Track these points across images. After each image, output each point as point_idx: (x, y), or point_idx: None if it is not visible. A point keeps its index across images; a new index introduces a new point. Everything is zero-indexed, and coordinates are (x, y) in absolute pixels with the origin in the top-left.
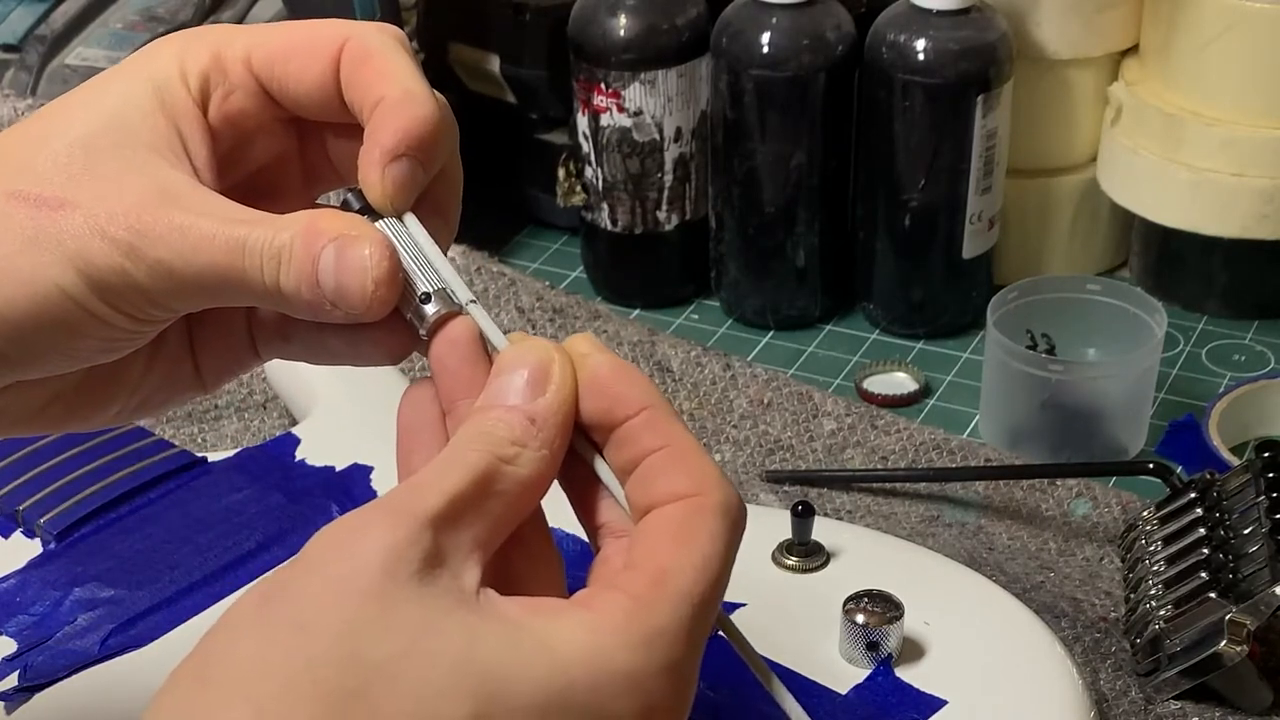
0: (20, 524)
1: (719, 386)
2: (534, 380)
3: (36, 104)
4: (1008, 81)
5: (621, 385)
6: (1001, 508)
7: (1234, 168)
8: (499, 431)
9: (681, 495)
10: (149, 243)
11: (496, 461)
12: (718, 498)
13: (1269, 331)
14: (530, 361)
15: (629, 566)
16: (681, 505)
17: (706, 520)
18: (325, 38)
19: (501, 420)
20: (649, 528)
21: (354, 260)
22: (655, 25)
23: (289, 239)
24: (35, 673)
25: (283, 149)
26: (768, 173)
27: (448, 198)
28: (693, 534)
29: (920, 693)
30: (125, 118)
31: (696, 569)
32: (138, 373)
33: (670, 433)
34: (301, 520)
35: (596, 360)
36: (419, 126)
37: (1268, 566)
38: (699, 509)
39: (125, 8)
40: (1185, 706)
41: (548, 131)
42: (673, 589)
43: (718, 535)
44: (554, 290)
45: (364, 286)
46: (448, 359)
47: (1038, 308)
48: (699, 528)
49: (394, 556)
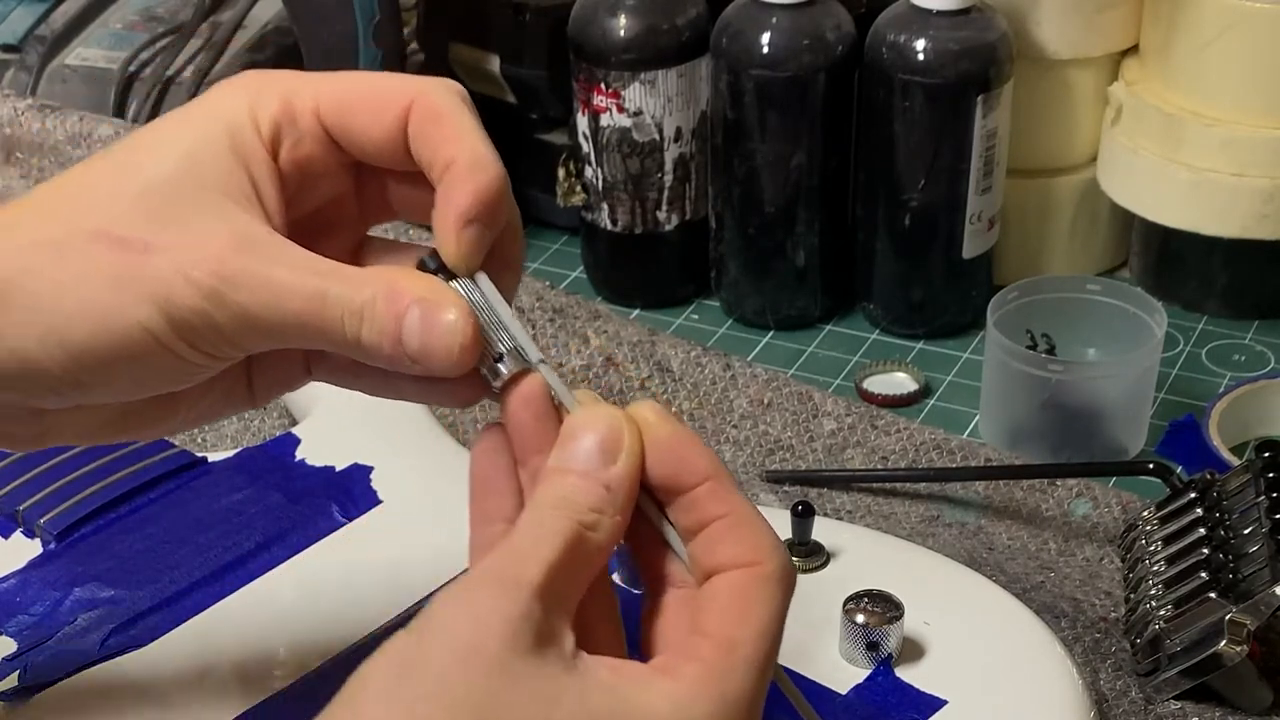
0: (20, 524)
1: (719, 386)
2: (606, 447)
3: (36, 104)
4: (1008, 81)
5: (689, 455)
6: (1001, 508)
7: (1234, 168)
8: (580, 499)
9: (744, 563)
10: (232, 289)
11: (581, 529)
12: (776, 566)
13: (1269, 331)
14: (602, 429)
15: (700, 633)
16: (744, 574)
17: (767, 588)
18: (394, 92)
19: (581, 488)
20: (717, 595)
21: (440, 324)
22: (655, 25)
23: (371, 296)
24: (35, 673)
25: (342, 189)
26: (768, 173)
27: (514, 249)
28: (756, 603)
29: (920, 693)
30: (200, 161)
31: (760, 636)
32: (197, 392)
33: (732, 501)
34: (301, 520)
35: (666, 430)
36: (489, 191)
37: (1268, 566)
38: (760, 578)
39: (125, 8)
40: (1185, 706)
41: (548, 131)
42: (742, 657)
43: (776, 602)
44: (554, 290)
45: (450, 349)
46: (523, 416)
47: (1038, 308)
48: (761, 597)
49: (512, 629)
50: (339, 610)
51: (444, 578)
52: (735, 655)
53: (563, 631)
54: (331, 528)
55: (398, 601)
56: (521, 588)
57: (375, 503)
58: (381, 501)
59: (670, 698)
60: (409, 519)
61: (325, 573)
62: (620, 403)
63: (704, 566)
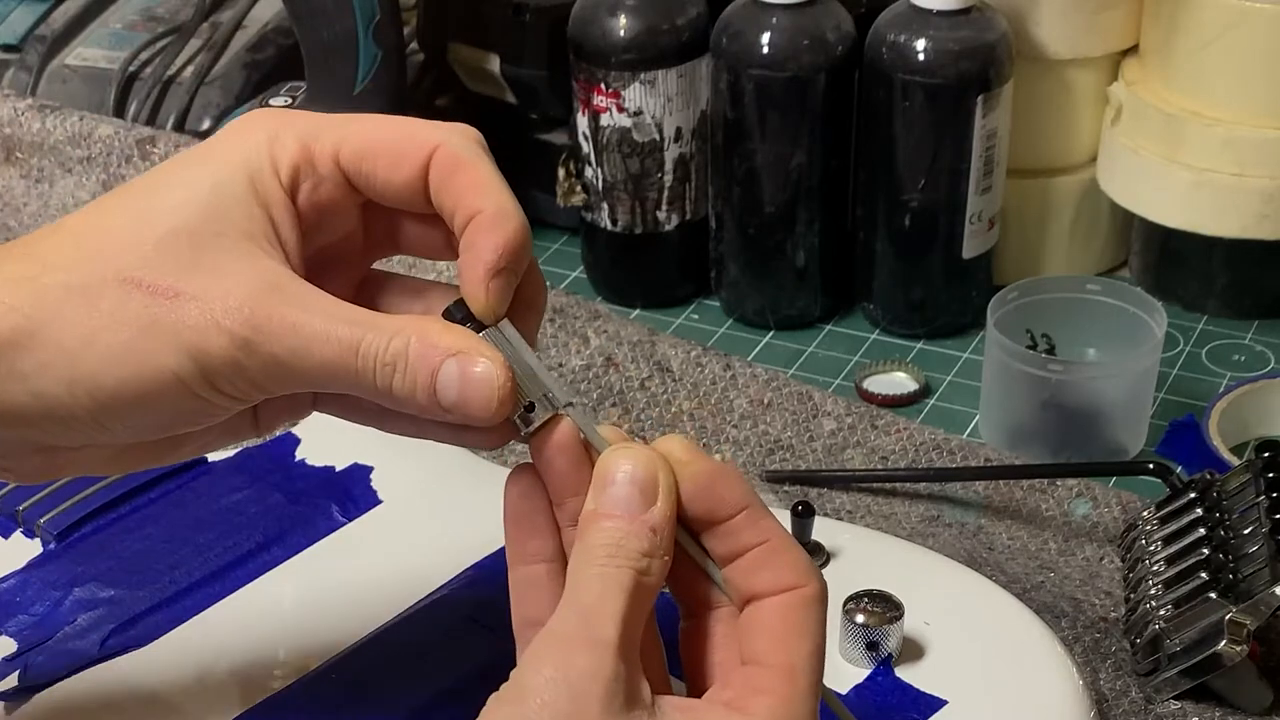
0: (20, 524)
1: (719, 386)
2: (645, 489)
3: (36, 104)
4: (1008, 81)
5: (722, 489)
6: (1001, 508)
7: (1234, 168)
8: (632, 545)
9: (786, 587)
10: (264, 338)
11: (638, 576)
12: (814, 588)
13: (1269, 331)
14: (640, 471)
15: (756, 662)
16: (789, 598)
17: (811, 611)
18: (415, 140)
19: (631, 533)
20: (766, 621)
21: (478, 378)
22: (655, 25)
23: (404, 348)
24: (35, 673)
25: (352, 226)
26: (768, 173)
27: (535, 292)
28: (805, 626)
29: (920, 693)
30: (223, 206)
31: (812, 657)
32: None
33: (768, 529)
34: (301, 520)
35: (698, 466)
36: (514, 243)
37: (1268, 566)
38: (804, 601)
39: (125, 8)
40: (1185, 706)
41: (548, 131)
42: (804, 684)
43: (820, 622)
44: (554, 290)
45: (489, 401)
46: (556, 462)
47: (1038, 308)
48: (808, 619)
49: (607, 691)
50: (339, 610)
51: (444, 578)
52: (798, 683)
53: (641, 682)
54: (331, 528)
55: (398, 601)
56: (605, 647)
57: (375, 503)
58: (381, 501)
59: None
60: (409, 519)
61: (325, 573)
62: (620, 402)
63: (744, 592)
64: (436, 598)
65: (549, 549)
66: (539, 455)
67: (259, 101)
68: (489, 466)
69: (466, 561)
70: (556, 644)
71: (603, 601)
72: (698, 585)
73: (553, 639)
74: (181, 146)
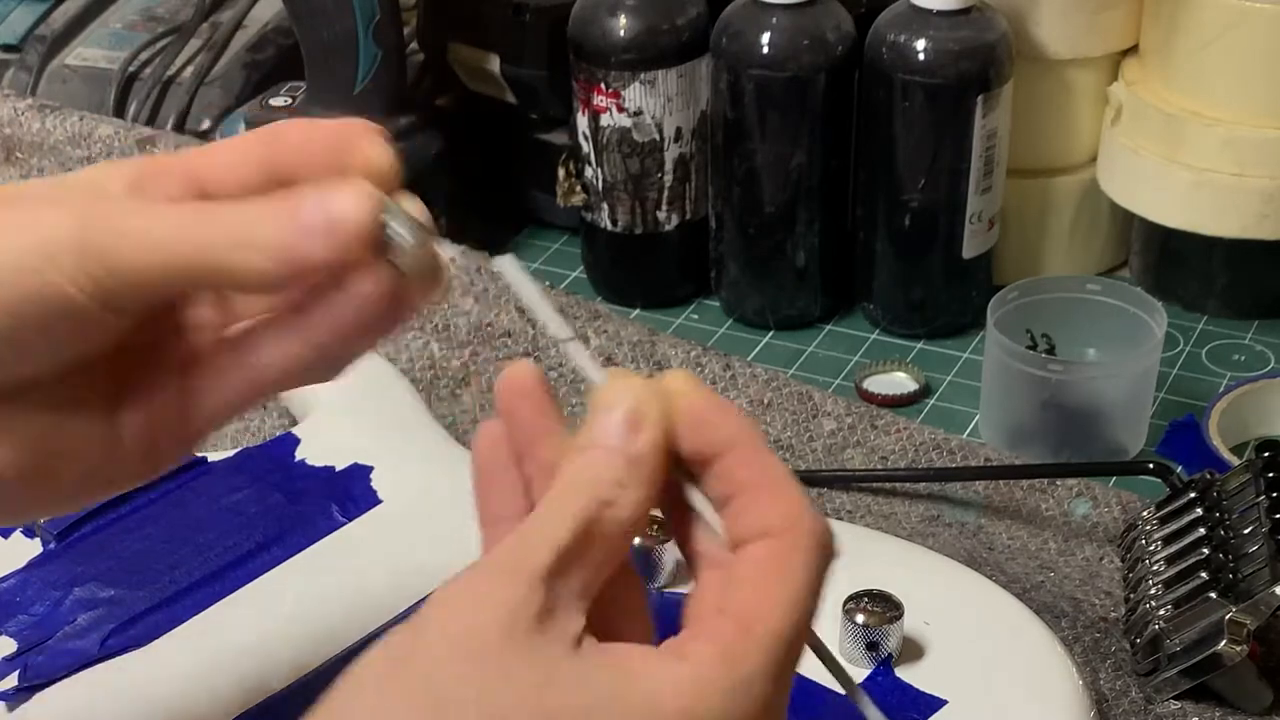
0: None
1: (719, 386)
2: (631, 420)
3: (36, 104)
4: (1008, 81)
5: (716, 420)
6: (1001, 508)
7: (1234, 168)
8: (600, 474)
9: (773, 530)
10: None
11: (599, 506)
12: (808, 531)
13: (1269, 331)
14: (627, 402)
15: (721, 612)
16: (772, 544)
17: (798, 556)
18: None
19: (601, 462)
20: (741, 571)
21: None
22: (655, 25)
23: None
24: (35, 673)
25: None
26: (768, 173)
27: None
28: (783, 573)
29: (920, 693)
30: None
31: (785, 607)
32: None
33: (763, 465)
34: (301, 520)
35: (692, 398)
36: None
37: (1268, 566)
38: (791, 546)
39: (125, 8)
40: (1185, 706)
41: (548, 131)
42: (761, 633)
43: (809, 569)
44: (554, 290)
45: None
46: (520, 410)
47: (1038, 308)
48: (790, 565)
49: (511, 616)
50: (339, 610)
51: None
52: (751, 634)
53: (568, 615)
54: (331, 528)
55: (398, 601)
56: (526, 574)
57: (375, 503)
58: (381, 501)
59: (675, 681)
60: (409, 519)
61: (325, 573)
62: None
63: (735, 536)
64: None
65: (516, 506)
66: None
67: (259, 102)
68: None
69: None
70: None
71: (545, 528)
72: (699, 538)
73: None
74: (181, 146)
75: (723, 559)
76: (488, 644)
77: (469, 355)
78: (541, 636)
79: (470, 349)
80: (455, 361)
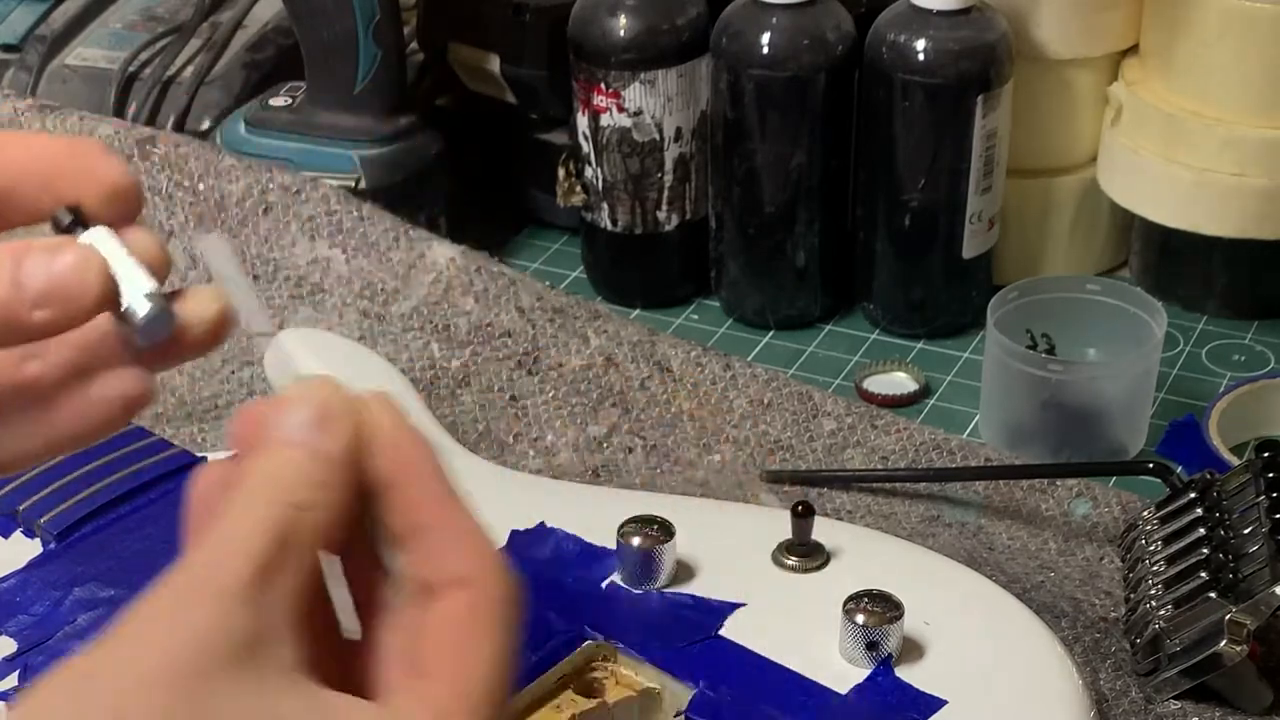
0: (20, 524)
1: (719, 386)
2: (327, 416)
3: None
4: (1008, 81)
5: (406, 445)
6: (1001, 508)
7: (1234, 168)
8: (289, 475)
9: (466, 580)
10: None
11: (293, 511)
12: (499, 586)
13: (1269, 331)
14: (317, 399)
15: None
16: (468, 600)
17: (494, 613)
18: None
19: (291, 460)
20: (440, 625)
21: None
22: (655, 25)
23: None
24: (35, 673)
25: None
26: (768, 173)
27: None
28: (488, 628)
29: (920, 693)
30: None
31: (492, 664)
32: None
33: (453, 506)
34: None
35: (384, 417)
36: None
37: (1268, 566)
38: (486, 603)
39: (125, 8)
40: (1185, 706)
41: (548, 131)
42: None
43: (504, 626)
44: (554, 290)
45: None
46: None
47: (1038, 308)
48: (492, 620)
49: (202, 645)
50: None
51: None
52: (466, 698)
53: (278, 639)
54: None
55: None
56: (219, 594)
57: None
58: None
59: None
60: None
61: None
62: (620, 402)
63: (419, 580)
64: None
65: None
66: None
67: (259, 102)
68: (489, 466)
69: None
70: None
71: (235, 541)
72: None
73: (165, 580)
74: (181, 146)
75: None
76: (183, 677)
77: (469, 355)
78: (249, 666)
79: (470, 349)
80: (455, 361)
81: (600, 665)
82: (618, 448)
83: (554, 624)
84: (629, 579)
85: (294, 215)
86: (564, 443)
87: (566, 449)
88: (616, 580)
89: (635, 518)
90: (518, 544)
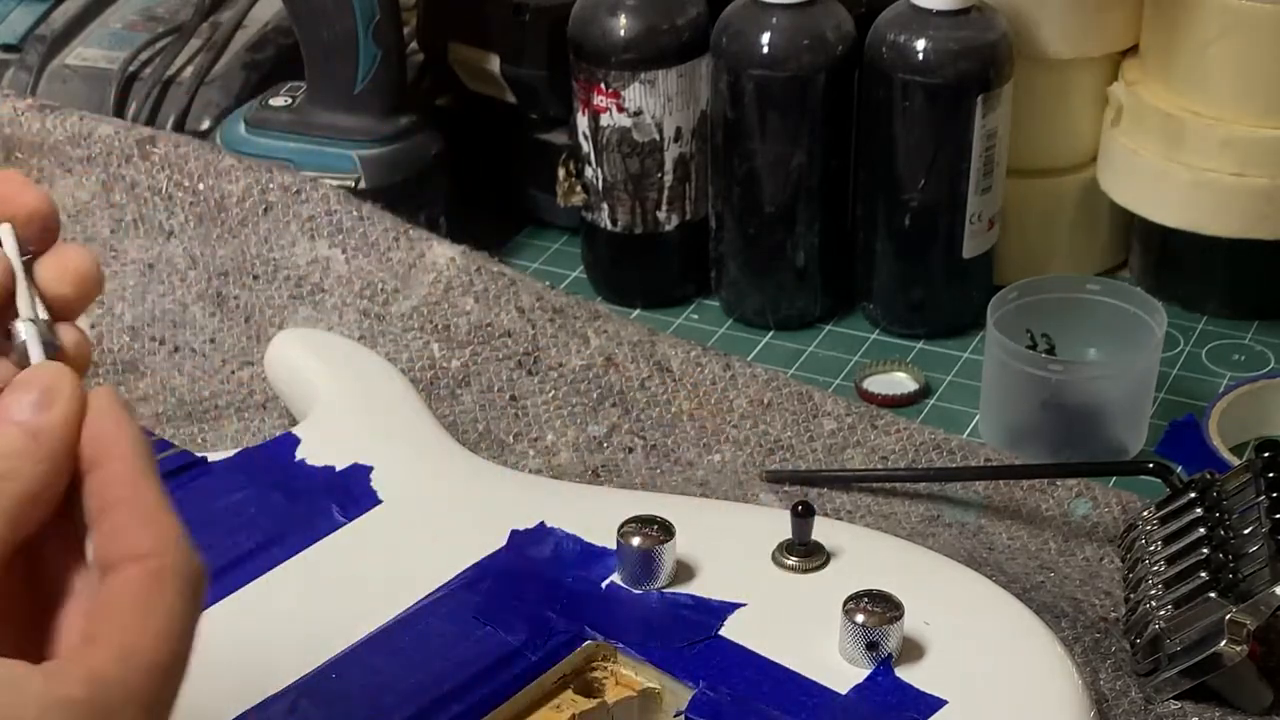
0: None
1: (719, 386)
2: (43, 399)
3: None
4: (1008, 81)
5: (109, 429)
6: (1001, 508)
7: (1234, 168)
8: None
9: (144, 554)
10: None
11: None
12: (184, 560)
13: (1269, 331)
14: (43, 381)
15: (91, 641)
16: (145, 569)
17: (172, 584)
18: None
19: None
20: (111, 596)
21: None
22: (655, 25)
23: None
24: None
25: None
26: (768, 173)
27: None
28: (155, 603)
29: (920, 693)
30: None
31: (163, 637)
32: None
33: (141, 487)
34: (301, 520)
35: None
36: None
37: (1268, 566)
38: (164, 573)
39: (125, 8)
40: (1185, 706)
41: (548, 131)
42: (139, 663)
43: (185, 599)
44: (554, 290)
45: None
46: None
47: (1038, 308)
48: (165, 593)
49: None
50: (339, 610)
51: (444, 578)
52: (129, 663)
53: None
54: (331, 528)
55: (398, 601)
56: None
57: (375, 503)
58: (381, 501)
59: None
60: (409, 519)
61: (325, 573)
62: (620, 402)
63: (103, 558)
64: (436, 598)
65: None
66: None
67: (259, 102)
68: (489, 466)
69: (466, 561)
70: None
71: None
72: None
73: None
74: (181, 146)
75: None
76: None
77: (469, 355)
78: None
79: (470, 349)
80: (455, 361)
81: (600, 665)
82: (618, 448)
83: (554, 624)
84: (629, 579)
85: (294, 215)
86: (564, 443)
87: (566, 449)
88: (616, 580)
89: (635, 518)
90: (518, 544)
